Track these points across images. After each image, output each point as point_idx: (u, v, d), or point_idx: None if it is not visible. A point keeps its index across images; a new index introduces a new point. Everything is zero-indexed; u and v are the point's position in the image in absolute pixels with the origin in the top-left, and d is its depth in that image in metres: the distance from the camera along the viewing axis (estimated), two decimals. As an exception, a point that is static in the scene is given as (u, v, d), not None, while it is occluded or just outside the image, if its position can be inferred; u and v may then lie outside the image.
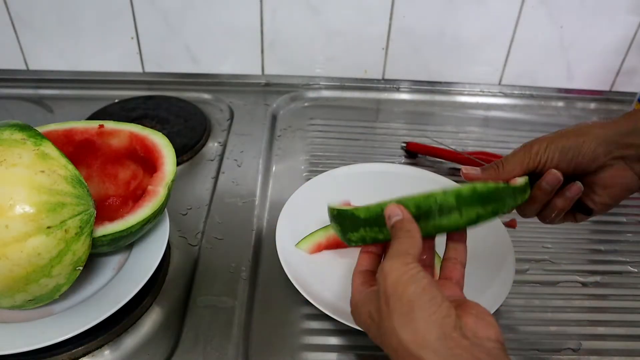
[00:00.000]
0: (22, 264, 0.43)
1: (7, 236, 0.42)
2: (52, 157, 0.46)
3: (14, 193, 0.43)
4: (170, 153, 0.57)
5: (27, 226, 0.42)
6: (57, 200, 0.44)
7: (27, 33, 0.87)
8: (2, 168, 0.44)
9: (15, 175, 0.43)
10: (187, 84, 0.91)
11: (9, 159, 0.44)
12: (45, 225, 0.43)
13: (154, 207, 0.52)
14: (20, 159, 0.44)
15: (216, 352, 0.51)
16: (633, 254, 0.65)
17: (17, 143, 0.46)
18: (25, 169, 0.44)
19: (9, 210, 0.42)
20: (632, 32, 0.87)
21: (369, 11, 0.85)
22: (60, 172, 0.45)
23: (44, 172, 0.44)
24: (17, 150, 0.45)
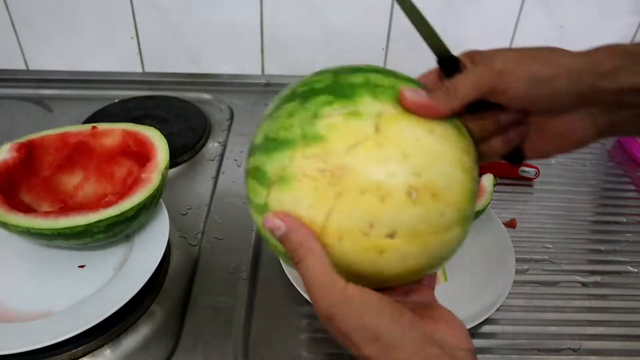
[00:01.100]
0: (430, 256, 0.36)
1: (439, 224, 0.35)
2: (463, 133, 0.37)
3: (453, 176, 0.35)
4: (163, 144, 0.58)
5: (454, 216, 0.35)
6: (475, 189, 0.37)
7: (27, 33, 0.87)
8: (436, 141, 0.35)
9: (449, 154, 0.35)
10: (187, 84, 0.91)
11: (435, 128, 0.35)
12: (465, 217, 0.36)
13: (148, 193, 0.53)
14: (446, 131, 0.36)
15: (216, 352, 0.51)
16: (633, 254, 0.65)
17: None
18: (455, 146, 0.35)
19: (447, 194, 0.34)
20: (632, 32, 0.87)
21: (369, 11, 0.85)
22: (472, 153, 0.37)
23: (466, 155, 0.36)
24: (436, 120, 0.36)
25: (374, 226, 0.34)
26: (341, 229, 0.34)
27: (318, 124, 0.35)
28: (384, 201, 0.33)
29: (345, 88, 0.37)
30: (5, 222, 0.51)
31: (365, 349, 0.33)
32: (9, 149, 0.57)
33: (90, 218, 0.51)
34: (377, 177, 0.34)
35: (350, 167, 0.34)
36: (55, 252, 0.58)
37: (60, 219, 0.51)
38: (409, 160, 0.34)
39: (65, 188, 0.61)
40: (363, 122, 0.34)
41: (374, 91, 0.36)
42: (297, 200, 0.34)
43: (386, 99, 0.36)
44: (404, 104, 0.35)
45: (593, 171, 0.78)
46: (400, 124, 0.35)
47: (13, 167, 0.57)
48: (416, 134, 0.35)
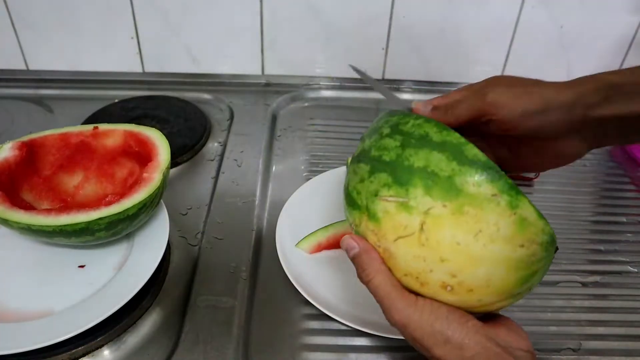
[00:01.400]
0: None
1: (478, 306, 0.39)
2: (530, 222, 0.36)
3: (493, 275, 0.37)
4: (164, 144, 0.58)
5: (498, 297, 0.38)
6: (532, 272, 0.38)
7: (27, 33, 0.87)
8: (479, 246, 0.36)
9: (493, 255, 0.36)
10: (187, 84, 0.91)
11: (485, 229, 0.36)
12: (515, 293, 0.39)
13: (149, 192, 0.53)
14: (498, 231, 0.36)
15: (216, 352, 0.51)
16: (633, 254, 0.65)
17: (490, 203, 0.36)
18: (505, 244, 0.36)
19: (485, 290, 0.38)
20: (632, 32, 0.87)
21: (369, 11, 0.85)
22: (538, 239, 0.37)
23: (523, 247, 0.36)
24: (493, 218, 0.36)
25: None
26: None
27: (377, 204, 0.39)
28: (423, 286, 0.39)
29: (404, 172, 0.39)
30: (6, 219, 0.51)
31: (437, 350, 0.38)
32: (11, 147, 0.57)
33: (91, 215, 0.51)
34: (416, 269, 0.38)
35: (395, 255, 0.39)
36: (55, 252, 0.58)
37: (62, 216, 0.51)
38: (445, 263, 0.37)
39: (66, 188, 0.61)
40: (411, 217, 0.37)
41: (428, 183, 0.37)
42: None
43: (438, 194, 0.37)
44: (415, 112, 0.40)
45: (593, 171, 0.78)
46: (444, 227, 0.37)
47: (14, 165, 0.57)
48: (457, 238, 0.36)
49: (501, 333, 0.39)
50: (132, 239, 0.58)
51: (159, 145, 0.58)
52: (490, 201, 0.36)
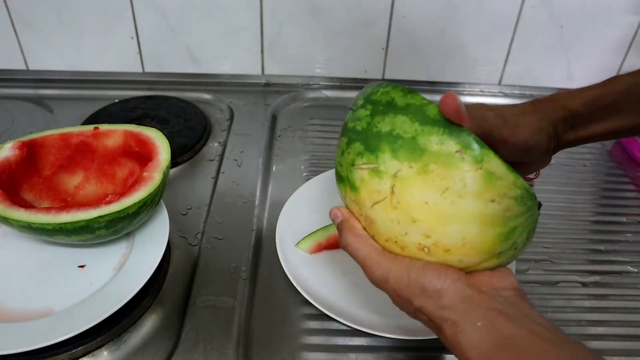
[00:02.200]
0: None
1: (461, 267, 0.39)
2: (499, 175, 0.36)
3: (466, 233, 0.37)
4: (164, 144, 0.58)
5: (479, 258, 0.38)
6: (510, 228, 0.37)
7: (27, 33, 0.87)
8: (447, 202, 0.36)
9: (463, 212, 0.36)
10: (187, 84, 0.91)
11: (452, 186, 0.36)
12: (497, 252, 0.38)
13: (149, 191, 0.53)
14: (465, 187, 0.36)
15: (216, 352, 0.51)
16: (633, 254, 0.65)
17: (453, 160, 0.36)
18: (474, 200, 0.36)
19: (461, 249, 0.37)
20: (632, 32, 0.87)
21: (369, 11, 0.85)
22: (511, 193, 0.36)
23: (495, 201, 0.36)
24: (459, 174, 0.36)
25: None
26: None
27: (354, 174, 0.41)
28: (403, 250, 0.39)
29: (373, 139, 0.40)
30: (7, 217, 0.51)
31: (415, 300, 0.38)
32: (11, 147, 0.57)
33: (92, 214, 0.51)
34: (393, 232, 0.39)
35: (374, 220, 0.40)
36: (55, 252, 0.58)
37: (62, 214, 0.51)
38: (417, 224, 0.38)
39: (67, 188, 0.61)
40: (382, 182, 0.39)
41: (394, 146, 0.39)
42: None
43: (404, 156, 0.38)
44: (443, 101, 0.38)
45: (593, 171, 0.78)
46: (412, 186, 0.37)
47: (15, 165, 0.57)
48: (426, 197, 0.37)
49: (483, 277, 0.39)
50: (132, 239, 0.58)
51: (159, 145, 0.58)
52: (454, 157, 0.36)
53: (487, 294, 0.37)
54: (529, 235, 0.40)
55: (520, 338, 0.34)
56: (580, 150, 0.82)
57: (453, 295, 0.37)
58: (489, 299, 0.37)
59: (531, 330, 0.35)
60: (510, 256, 0.40)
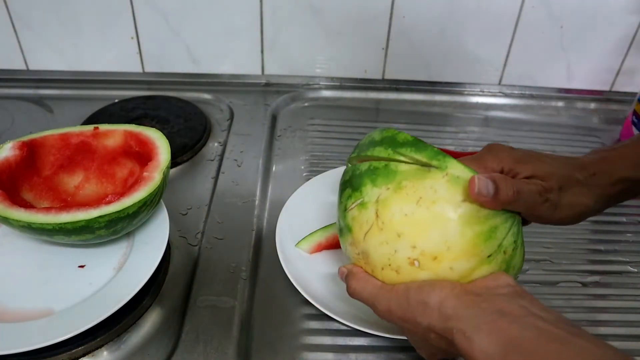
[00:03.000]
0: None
1: (454, 276, 0.40)
2: (464, 178, 0.40)
3: (447, 235, 0.39)
4: (164, 144, 0.58)
5: (470, 263, 0.39)
6: (489, 226, 0.40)
7: (27, 33, 0.87)
8: (422, 209, 0.40)
9: (439, 216, 0.39)
10: (187, 84, 0.91)
11: (424, 195, 0.40)
12: (485, 256, 0.40)
13: (149, 190, 0.53)
14: (435, 193, 0.40)
15: (216, 352, 0.51)
16: (633, 254, 0.65)
17: (422, 172, 0.41)
18: (446, 203, 0.39)
19: (447, 254, 0.39)
20: (632, 32, 0.87)
21: (369, 11, 0.85)
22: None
23: (465, 201, 0.39)
24: (429, 183, 0.40)
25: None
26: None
27: (347, 217, 0.44)
28: (399, 273, 0.41)
29: (357, 179, 0.44)
30: (7, 217, 0.51)
31: (421, 319, 0.39)
32: (11, 147, 0.57)
33: (92, 213, 0.51)
34: (385, 256, 0.41)
35: (368, 251, 0.42)
36: (55, 252, 0.58)
37: (62, 214, 0.51)
38: (402, 237, 0.40)
39: (67, 188, 0.61)
40: (368, 212, 0.42)
41: (373, 177, 0.43)
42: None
43: (381, 181, 0.42)
44: (470, 193, 0.39)
45: (593, 171, 0.78)
46: (391, 205, 0.41)
47: (15, 165, 0.57)
48: (404, 210, 0.40)
49: (478, 282, 0.39)
50: (132, 239, 0.58)
51: (159, 145, 0.58)
52: (422, 170, 0.41)
53: (484, 295, 0.38)
54: (516, 240, 0.42)
55: (528, 340, 0.34)
56: (580, 150, 0.82)
57: (454, 304, 0.37)
58: (487, 300, 0.37)
59: (537, 329, 0.34)
60: (502, 261, 0.41)
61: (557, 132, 0.86)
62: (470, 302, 0.37)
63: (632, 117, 0.82)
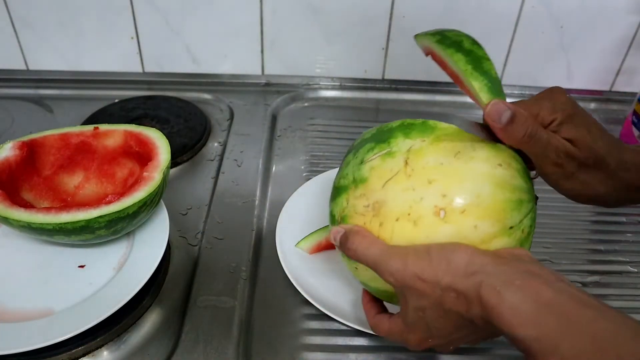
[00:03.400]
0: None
1: (475, 237, 0.38)
2: (502, 148, 0.41)
3: (481, 190, 0.38)
4: (164, 144, 0.58)
5: (494, 227, 0.38)
6: (517, 198, 0.39)
7: (27, 33, 0.87)
8: (460, 162, 0.39)
9: (476, 170, 0.39)
10: (187, 84, 0.91)
11: (463, 150, 0.40)
12: (508, 226, 0.39)
13: (149, 190, 0.53)
14: (474, 151, 0.40)
15: (216, 352, 0.51)
16: (633, 254, 0.65)
17: (461, 133, 0.41)
18: (484, 162, 0.39)
19: (476, 209, 0.38)
20: (632, 32, 0.87)
21: (369, 11, 0.85)
22: (514, 164, 0.40)
23: (502, 166, 0.39)
24: (468, 141, 0.40)
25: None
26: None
27: (363, 168, 0.42)
28: (416, 224, 0.39)
29: (384, 133, 0.43)
30: (7, 217, 0.51)
31: (443, 277, 0.36)
32: (11, 147, 0.57)
33: (92, 213, 0.51)
34: (407, 203, 0.39)
35: (385, 200, 0.40)
36: (55, 252, 0.58)
37: (62, 214, 0.51)
38: (433, 184, 0.39)
39: (66, 188, 0.61)
40: (395, 160, 0.41)
41: (406, 130, 0.42)
42: None
43: (416, 134, 0.42)
44: (485, 116, 0.39)
45: (593, 171, 0.78)
46: (426, 154, 0.40)
47: (15, 165, 0.57)
48: (439, 160, 0.39)
49: (501, 251, 0.38)
50: (132, 239, 0.59)
51: (159, 145, 0.58)
52: (462, 132, 0.41)
53: (509, 258, 0.36)
54: (532, 224, 0.41)
55: (562, 304, 0.32)
56: (580, 150, 0.82)
57: (482, 261, 0.35)
58: (515, 261, 0.36)
59: (570, 295, 0.33)
60: (518, 239, 0.40)
61: (557, 132, 0.86)
62: (499, 261, 0.35)
63: (632, 117, 0.82)
